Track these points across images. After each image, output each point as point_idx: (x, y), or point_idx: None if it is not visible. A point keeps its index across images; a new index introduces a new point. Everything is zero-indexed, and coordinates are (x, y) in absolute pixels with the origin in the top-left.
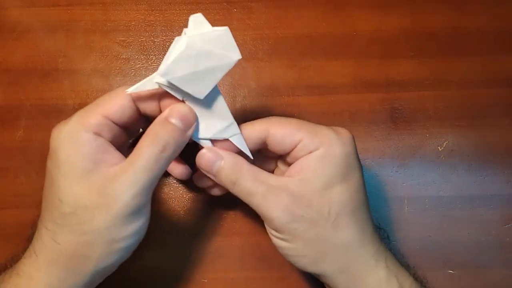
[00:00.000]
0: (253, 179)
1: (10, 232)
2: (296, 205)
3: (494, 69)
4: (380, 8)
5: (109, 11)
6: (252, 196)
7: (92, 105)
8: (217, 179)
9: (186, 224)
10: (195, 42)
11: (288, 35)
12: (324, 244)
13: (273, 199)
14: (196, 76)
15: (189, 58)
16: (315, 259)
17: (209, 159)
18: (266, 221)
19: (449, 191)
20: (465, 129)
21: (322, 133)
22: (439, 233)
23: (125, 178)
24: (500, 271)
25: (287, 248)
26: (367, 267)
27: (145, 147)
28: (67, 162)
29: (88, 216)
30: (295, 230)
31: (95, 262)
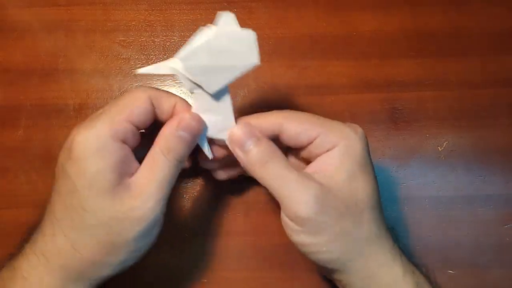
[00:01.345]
0: (285, 165)
1: (10, 232)
2: (326, 195)
3: (494, 69)
4: (380, 8)
5: (109, 11)
6: (282, 180)
7: (115, 108)
8: (245, 157)
9: (186, 224)
10: (221, 37)
11: (288, 35)
12: (348, 238)
13: (305, 186)
14: (212, 70)
15: (210, 50)
16: (339, 254)
17: (243, 135)
18: (291, 210)
19: (449, 191)
20: (465, 129)
21: (338, 130)
22: (439, 233)
23: (151, 193)
24: (499, 271)
25: (310, 243)
26: (385, 262)
27: (160, 160)
28: (94, 174)
29: (116, 228)
30: (323, 223)
31: (111, 269)
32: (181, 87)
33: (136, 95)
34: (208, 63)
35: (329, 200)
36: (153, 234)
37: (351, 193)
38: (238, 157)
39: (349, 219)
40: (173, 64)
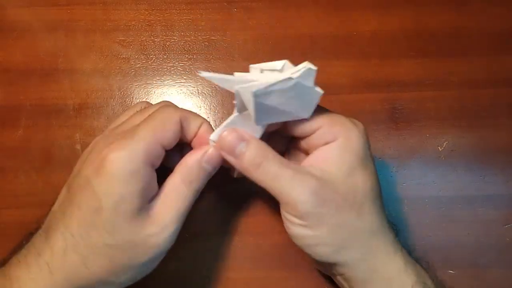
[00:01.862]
0: (279, 163)
1: (10, 232)
2: (323, 190)
3: (494, 69)
4: (381, 8)
5: (109, 11)
6: (278, 179)
7: (149, 129)
8: (238, 161)
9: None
10: (296, 88)
11: (288, 35)
12: (349, 230)
13: (301, 182)
14: (271, 110)
15: (281, 97)
16: (339, 247)
17: (232, 141)
18: (289, 206)
19: (449, 191)
20: (465, 129)
21: (340, 123)
22: (439, 233)
23: (169, 222)
24: (500, 271)
25: (309, 236)
26: (387, 254)
27: (184, 192)
28: (123, 196)
29: (132, 252)
30: (322, 216)
31: (117, 286)
32: (181, 88)
33: (169, 116)
34: (271, 104)
35: (326, 193)
36: (160, 259)
37: (349, 186)
38: (231, 162)
39: (348, 211)
40: (242, 88)
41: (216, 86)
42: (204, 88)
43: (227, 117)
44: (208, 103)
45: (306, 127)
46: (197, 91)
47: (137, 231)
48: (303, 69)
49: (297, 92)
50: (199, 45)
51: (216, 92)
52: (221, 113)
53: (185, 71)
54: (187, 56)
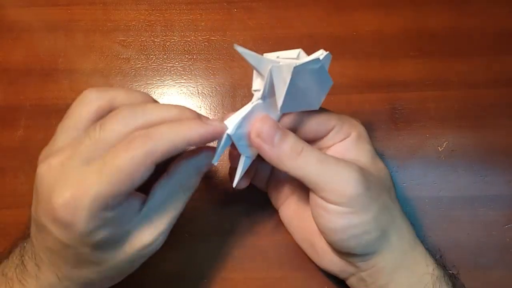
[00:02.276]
0: (318, 150)
1: (10, 232)
2: (366, 173)
3: (494, 69)
4: (381, 8)
5: (109, 11)
6: (324, 163)
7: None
8: (277, 149)
9: (186, 224)
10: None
11: (288, 35)
12: (389, 213)
13: (347, 167)
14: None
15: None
16: (382, 232)
17: (270, 129)
18: (334, 194)
19: (449, 191)
20: (466, 129)
21: (349, 121)
22: (439, 234)
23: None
24: (500, 272)
25: (354, 225)
26: (414, 238)
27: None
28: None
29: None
30: (370, 198)
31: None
32: (181, 88)
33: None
34: (301, 86)
35: (368, 177)
36: None
37: (377, 171)
38: (266, 153)
39: (386, 194)
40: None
41: (216, 86)
42: (204, 88)
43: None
44: (208, 103)
45: (322, 129)
46: (197, 91)
47: (128, 250)
48: (323, 54)
49: (318, 76)
50: (199, 45)
51: (216, 92)
52: (221, 113)
53: (185, 71)
54: (187, 56)
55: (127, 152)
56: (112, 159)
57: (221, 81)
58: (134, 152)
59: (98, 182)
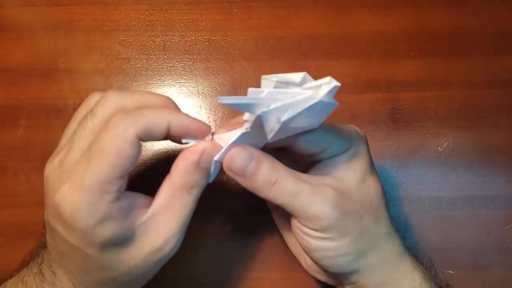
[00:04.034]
0: (294, 178)
1: (9, 231)
2: (342, 200)
3: (494, 70)
4: (381, 8)
5: (109, 11)
6: (297, 196)
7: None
8: (249, 181)
9: None
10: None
11: (288, 35)
12: (369, 236)
13: (321, 197)
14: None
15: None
16: (359, 254)
17: (242, 161)
18: (310, 222)
19: (449, 191)
20: (466, 129)
21: (348, 135)
22: (439, 234)
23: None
24: (500, 272)
25: (331, 248)
26: (399, 254)
27: (187, 198)
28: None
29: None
30: (345, 226)
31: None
32: (181, 88)
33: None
34: (292, 126)
35: (346, 203)
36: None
37: (364, 192)
38: (240, 183)
39: (368, 217)
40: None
41: (216, 86)
42: (204, 88)
43: (227, 117)
44: (208, 103)
45: (316, 147)
46: (197, 91)
47: (137, 253)
48: (329, 86)
49: (318, 110)
50: (199, 45)
51: (216, 93)
52: (221, 113)
53: (185, 71)
54: (188, 56)
55: (107, 131)
56: (97, 142)
57: (221, 81)
58: (114, 129)
59: (89, 168)
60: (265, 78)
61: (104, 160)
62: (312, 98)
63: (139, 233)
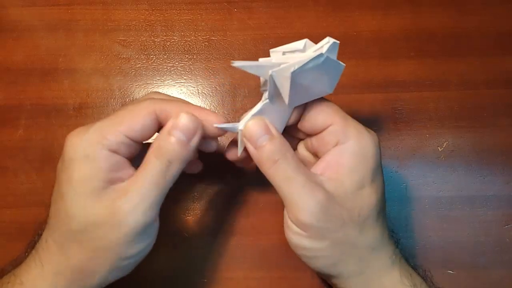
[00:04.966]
0: (295, 165)
1: (9, 231)
2: (330, 204)
3: (494, 70)
4: (380, 9)
5: (109, 11)
6: (289, 182)
7: (113, 118)
8: (256, 152)
9: (186, 224)
10: (325, 64)
11: (288, 35)
12: (349, 246)
13: (311, 192)
14: (302, 89)
15: (313, 74)
16: (337, 260)
17: (257, 130)
18: (294, 214)
19: (449, 191)
20: (465, 129)
21: (353, 125)
22: (439, 234)
23: (134, 195)
24: (499, 272)
25: (308, 247)
26: (384, 268)
27: (150, 162)
28: (80, 180)
29: (99, 234)
30: (325, 230)
31: (100, 277)
32: (181, 88)
33: (139, 108)
34: (305, 83)
35: (334, 208)
36: (142, 241)
37: (357, 201)
38: (250, 152)
39: (352, 227)
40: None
41: (216, 86)
42: (204, 88)
43: (227, 117)
44: (208, 103)
45: (319, 121)
46: (197, 91)
47: (100, 211)
48: (327, 45)
49: (325, 67)
50: (199, 45)
51: (216, 92)
52: (221, 113)
53: (185, 71)
54: (187, 56)
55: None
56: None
57: (221, 81)
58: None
59: (102, 121)
60: (273, 51)
61: (114, 118)
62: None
63: (109, 192)
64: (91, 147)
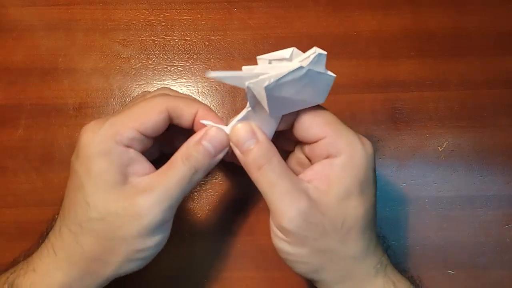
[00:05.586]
0: (280, 171)
1: (9, 231)
2: (312, 212)
3: (494, 70)
4: (381, 8)
5: (109, 10)
6: (272, 188)
7: (127, 114)
8: (242, 156)
9: (186, 224)
10: (308, 76)
11: (288, 35)
12: (330, 255)
13: (293, 199)
14: (285, 101)
15: (294, 87)
16: (317, 267)
17: (243, 135)
18: (277, 220)
19: (449, 191)
20: (465, 129)
21: (347, 137)
22: (439, 234)
23: (157, 192)
24: (499, 272)
25: (290, 253)
26: (367, 277)
27: (177, 166)
28: (98, 173)
29: (116, 224)
30: (305, 238)
31: (113, 268)
32: (181, 87)
33: (152, 105)
34: (285, 95)
35: (316, 217)
36: (155, 237)
37: (340, 212)
38: (237, 156)
39: (334, 237)
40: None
41: (216, 86)
42: (204, 88)
43: (227, 117)
44: (208, 103)
45: (311, 133)
46: (197, 91)
47: (120, 202)
48: (312, 56)
49: (309, 79)
50: (199, 45)
51: (216, 92)
52: (221, 113)
53: (185, 71)
54: (187, 56)
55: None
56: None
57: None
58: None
59: (114, 116)
60: (260, 58)
61: (129, 114)
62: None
63: (129, 188)
64: (106, 142)
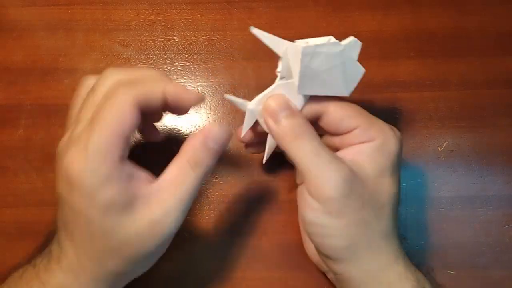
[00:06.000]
0: (319, 142)
1: (9, 231)
2: (355, 181)
3: (494, 70)
4: (380, 9)
5: (109, 11)
6: (315, 156)
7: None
8: (276, 126)
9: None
10: (341, 57)
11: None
12: (365, 229)
13: (336, 166)
14: (314, 76)
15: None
16: (351, 242)
17: (279, 104)
18: (315, 188)
19: (449, 191)
20: (465, 129)
21: (378, 126)
22: (439, 234)
23: (173, 207)
24: (499, 272)
25: (325, 225)
26: (390, 259)
27: (189, 174)
28: (106, 203)
29: (139, 244)
30: (347, 207)
31: (129, 278)
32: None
33: (121, 104)
34: (317, 69)
35: (357, 186)
36: (169, 242)
37: (377, 186)
38: (269, 127)
39: (371, 209)
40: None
41: (216, 86)
42: (204, 88)
43: (227, 117)
44: (208, 103)
45: (344, 125)
46: (197, 91)
47: (137, 222)
48: (349, 39)
49: (341, 61)
50: (199, 45)
51: (216, 92)
52: (221, 113)
53: (185, 71)
54: (187, 56)
55: (107, 100)
56: (98, 111)
57: (221, 81)
58: (113, 98)
59: (92, 134)
60: (297, 41)
61: (106, 125)
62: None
63: (141, 203)
64: (101, 173)
